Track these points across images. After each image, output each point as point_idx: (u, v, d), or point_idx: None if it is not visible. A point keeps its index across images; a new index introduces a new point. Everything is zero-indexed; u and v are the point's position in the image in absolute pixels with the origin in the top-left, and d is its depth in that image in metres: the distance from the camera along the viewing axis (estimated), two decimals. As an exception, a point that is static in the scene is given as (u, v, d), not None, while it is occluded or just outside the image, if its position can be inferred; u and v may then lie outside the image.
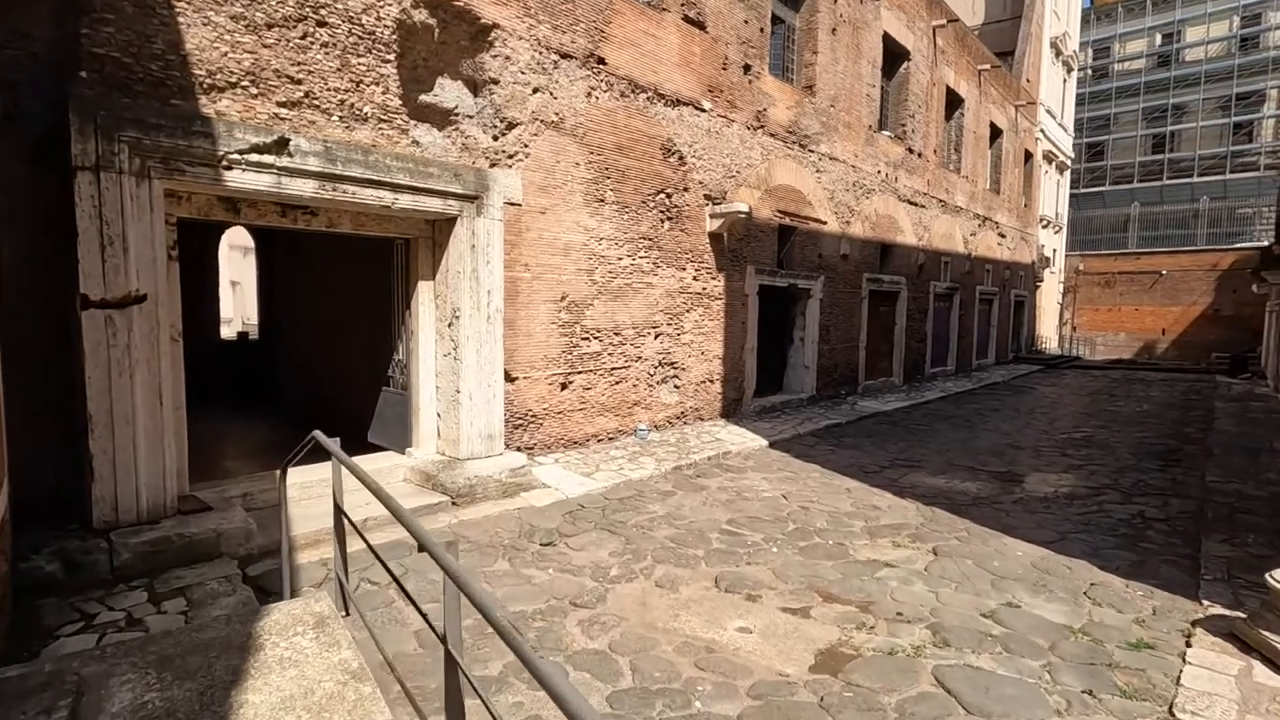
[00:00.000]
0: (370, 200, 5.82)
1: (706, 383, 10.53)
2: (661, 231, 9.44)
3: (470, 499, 6.26)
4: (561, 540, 5.63)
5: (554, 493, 6.80)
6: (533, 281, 7.77)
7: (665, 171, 9.41)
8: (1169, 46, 39.36)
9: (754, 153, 10.99)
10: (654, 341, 9.49)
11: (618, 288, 8.85)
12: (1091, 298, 29.97)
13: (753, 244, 11.23)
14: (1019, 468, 8.62)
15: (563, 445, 8.33)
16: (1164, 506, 6.94)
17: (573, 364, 8.35)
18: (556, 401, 8.20)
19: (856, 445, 9.85)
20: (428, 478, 6.43)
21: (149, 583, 4.28)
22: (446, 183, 6.28)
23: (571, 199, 8.14)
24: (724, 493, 7.20)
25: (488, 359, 6.77)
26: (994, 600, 4.63)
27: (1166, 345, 27.78)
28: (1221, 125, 37.45)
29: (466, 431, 6.67)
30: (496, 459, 6.80)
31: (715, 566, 5.17)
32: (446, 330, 6.73)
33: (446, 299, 6.70)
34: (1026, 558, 5.45)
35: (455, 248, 6.58)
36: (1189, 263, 27.66)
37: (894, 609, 4.47)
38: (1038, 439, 10.63)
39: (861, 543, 5.78)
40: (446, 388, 6.78)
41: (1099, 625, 4.27)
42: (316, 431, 2.95)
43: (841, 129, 13.27)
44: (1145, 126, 39.74)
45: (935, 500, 7.09)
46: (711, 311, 10.47)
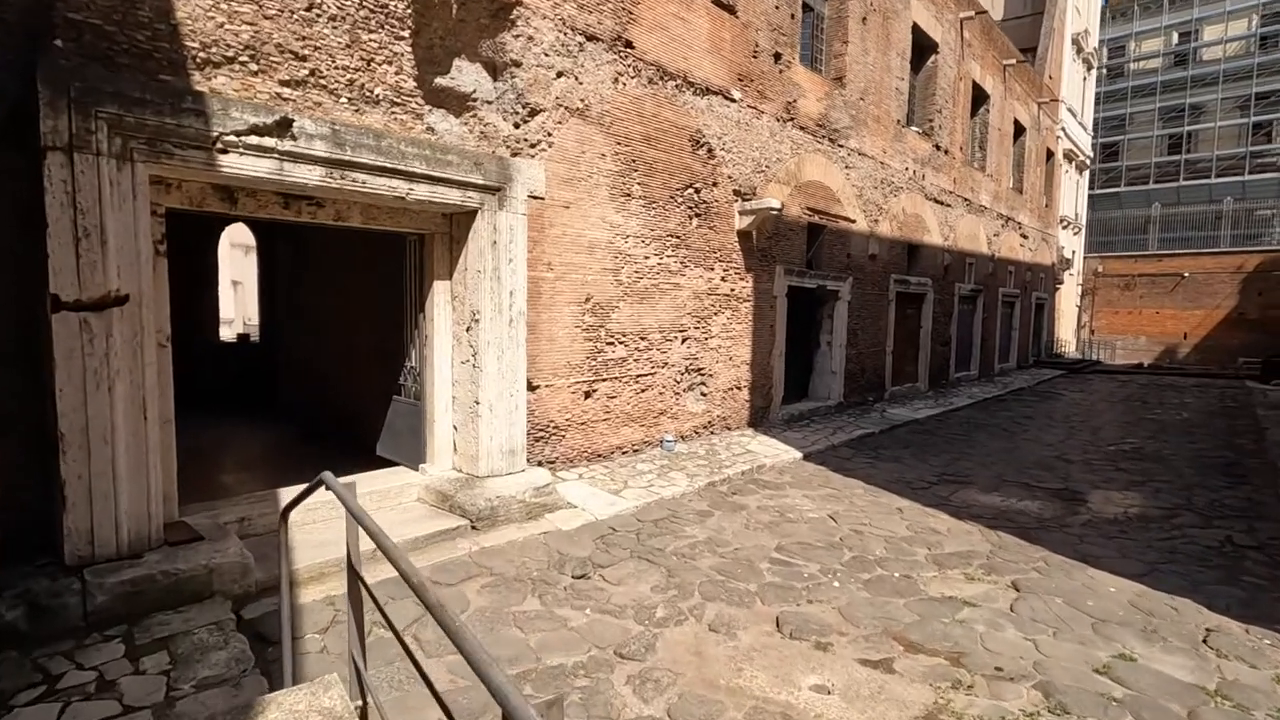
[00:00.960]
0: (383, 190, 5.22)
1: (734, 390, 9.92)
2: (689, 229, 8.84)
3: (491, 522, 5.65)
4: (596, 572, 5.02)
5: (581, 514, 6.19)
6: (555, 282, 7.17)
7: (694, 165, 8.81)
8: (1186, 45, 38.68)
9: (784, 146, 10.39)
10: (680, 346, 8.88)
11: (644, 289, 8.24)
12: (1111, 300, 29.30)
13: (781, 243, 10.62)
14: (1076, 484, 8.00)
15: (586, 458, 7.72)
16: (1250, 531, 6.32)
17: (597, 371, 7.75)
18: (580, 411, 7.60)
19: (896, 458, 9.23)
20: (444, 498, 5.83)
21: (128, 630, 3.67)
22: (466, 172, 5.68)
23: (597, 193, 7.54)
24: (765, 513, 6.59)
25: (509, 366, 6.17)
26: (1103, 651, 4.01)
27: (1188, 349, 27.12)
28: (1240, 125, 36.75)
29: (486, 446, 6.06)
30: (519, 477, 6.19)
31: (773, 605, 4.56)
32: (464, 335, 6.13)
33: (465, 300, 6.10)
34: (1122, 595, 4.84)
35: (475, 244, 5.99)
36: (1212, 265, 27.00)
37: (990, 662, 3.86)
38: (1085, 451, 10.00)
39: (930, 574, 5.17)
40: (464, 398, 6.18)
41: (1236, 685, 3.65)
42: (326, 474, 2.34)
43: (871, 123, 12.66)
44: (1162, 127, 39.06)
45: (997, 522, 6.47)
46: (740, 314, 9.87)
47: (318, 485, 2.31)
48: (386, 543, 2.01)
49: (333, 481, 2.19)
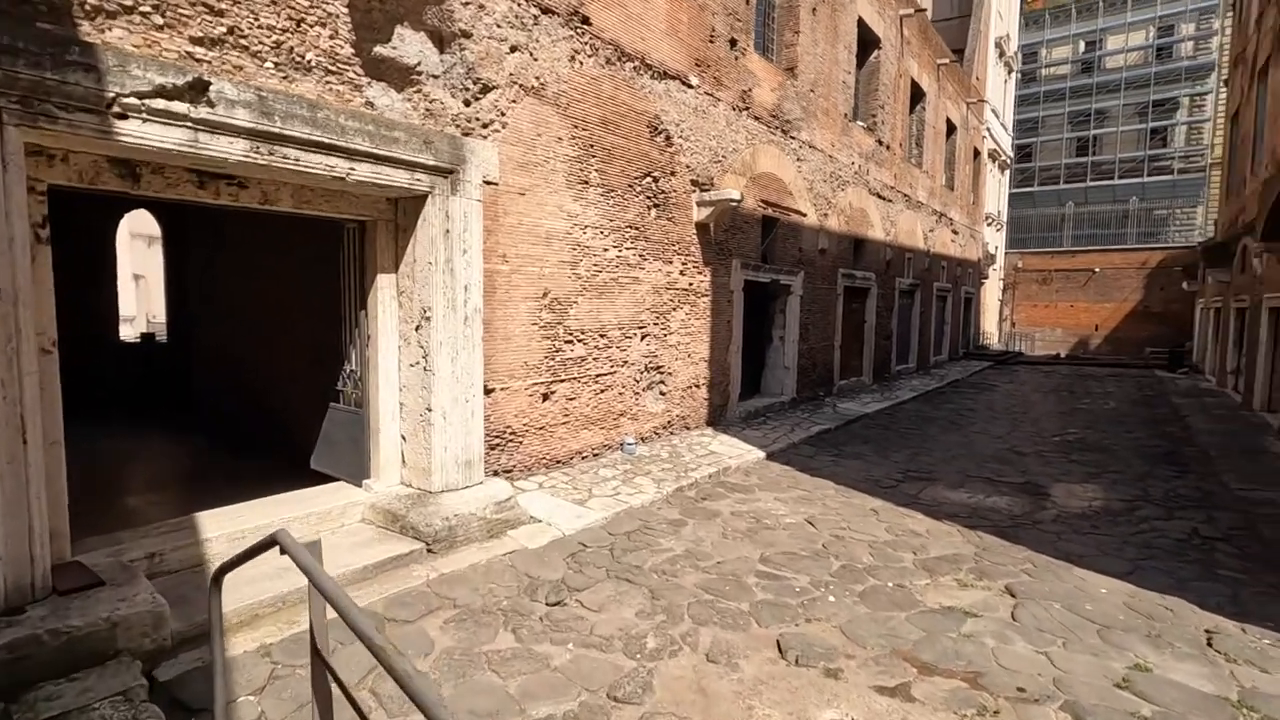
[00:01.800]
0: (318, 169, 4.53)
1: (693, 388, 9.57)
2: (648, 220, 8.40)
3: (450, 544, 5.05)
4: (572, 596, 4.53)
5: (547, 529, 5.67)
6: (511, 275, 6.59)
7: (652, 152, 8.36)
8: (1092, 54, 41.03)
9: (739, 136, 10.08)
10: (640, 344, 8.44)
11: (603, 283, 7.75)
12: (1030, 294, 30.75)
13: (738, 236, 10.33)
14: (1035, 477, 8.04)
15: (545, 466, 7.18)
16: (1211, 522, 6.42)
17: (555, 371, 7.21)
18: (538, 415, 7.05)
19: (858, 455, 9.10)
20: (394, 518, 5.19)
21: (4, 710, 2.94)
22: (415, 151, 5.04)
23: (554, 179, 6.99)
24: (740, 520, 6.25)
25: (465, 369, 5.57)
26: (1117, 662, 3.84)
27: (1100, 340, 28.77)
28: (1139, 130, 39.30)
29: (440, 458, 5.45)
30: (477, 490, 5.61)
31: (770, 626, 4.19)
32: (413, 334, 5.49)
33: (413, 296, 5.45)
34: (1114, 596, 4.72)
35: (425, 233, 5.35)
36: (1120, 261, 28.69)
37: (1009, 681, 3.61)
38: (1034, 442, 10.18)
39: (922, 582, 4.93)
40: (414, 404, 5.54)
41: (1256, 694, 3.52)
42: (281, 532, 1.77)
43: (820, 116, 12.55)
44: (1070, 130, 41.33)
45: (972, 521, 6.35)
46: (698, 309, 9.51)
47: (268, 546, 1.74)
48: (360, 623, 1.47)
49: (290, 542, 1.64)
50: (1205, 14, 37.08)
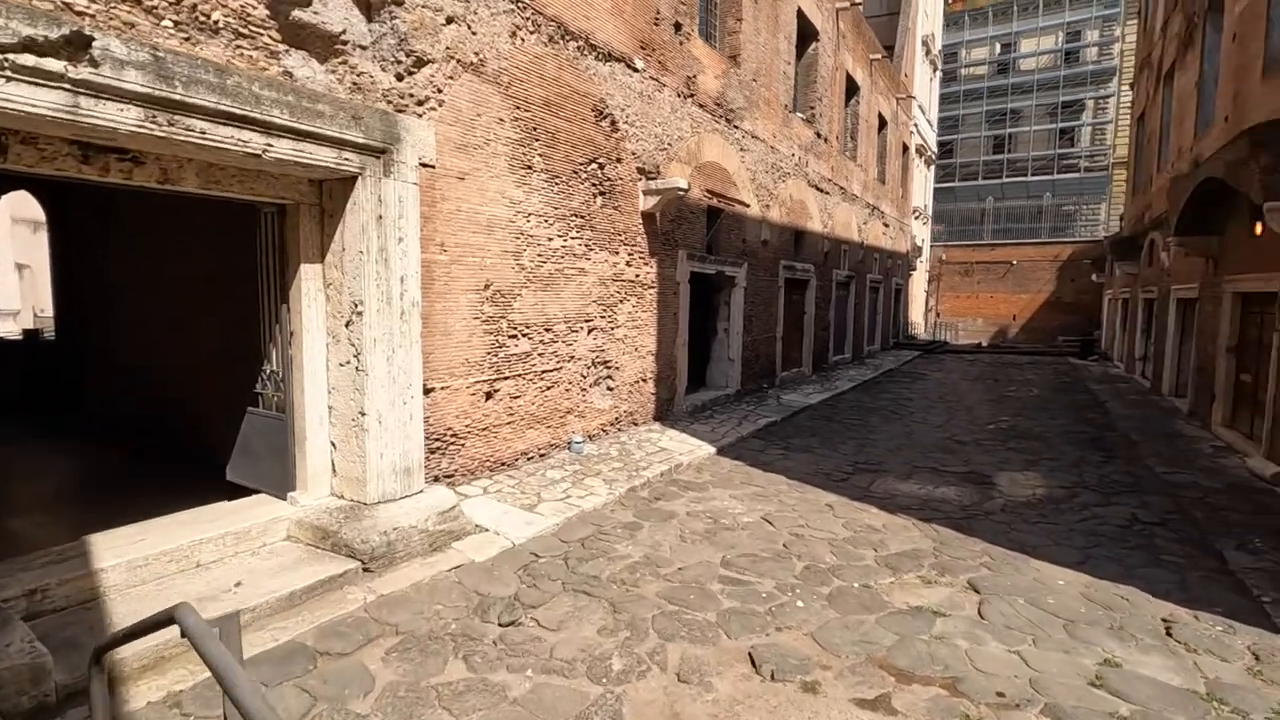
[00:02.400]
0: (229, 144, 3.98)
1: (640, 383, 9.30)
2: (594, 209, 8.04)
3: (388, 561, 4.61)
4: (527, 614, 4.18)
5: (495, 539, 5.29)
6: (450, 266, 6.12)
7: (598, 138, 8.00)
8: (1007, 56, 42.94)
9: (684, 124, 9.83)
10: (587, 338, 8.09)
11: (548, 274, 7.36)
12: (953, 286, 32.01)
13: (684, 226, 10.10)
14: (978, 466, 8.18)
15: (488, 469, 6.76)
16: (1145, 506, 6.65)
17: (498, 368, 6.79)
18: (481, 416, 6.61)
19: (807, 447, 9.06)
20: (324, 534, 4.69)
21: None
22: (343, 127, 4.53)
23: (495, 163, 6.54)
24: (697, 520, 6.03)
25: (403, 368, 5.10)
26: (1087, 658, 3.81)
27: (1017, 330, 30.25)
28: (1050, 130, 41.45)
29: (375, 466, 4.97)
30: (417, 500, 5.16)
31: (741, 638, 3.98)
32: (344, 331, 4.97)
33: (343, 289, 4.94)
34: (1072, 587, 4.75)
35: (355, 219, 4.84)
36: (1035, 254, 30.22)
37: (988, 686, 3.51)
38: (971, 431, 10.42)
39: (887, 581, 4.83)
40: (345, 408, 5.03)
41: (1222, 685, 3.54)
42: (182, 606, 1.37)
43: (762, 105, 12.45)
44: (988, 128, 43.17)
45: (926, 513, 6.35)
46: (645, 302, 9.23)
47: (163, 624, 1.34)
48: None
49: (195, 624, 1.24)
50: (1108, 21, 39.34)
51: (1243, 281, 9.52)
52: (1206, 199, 10.23)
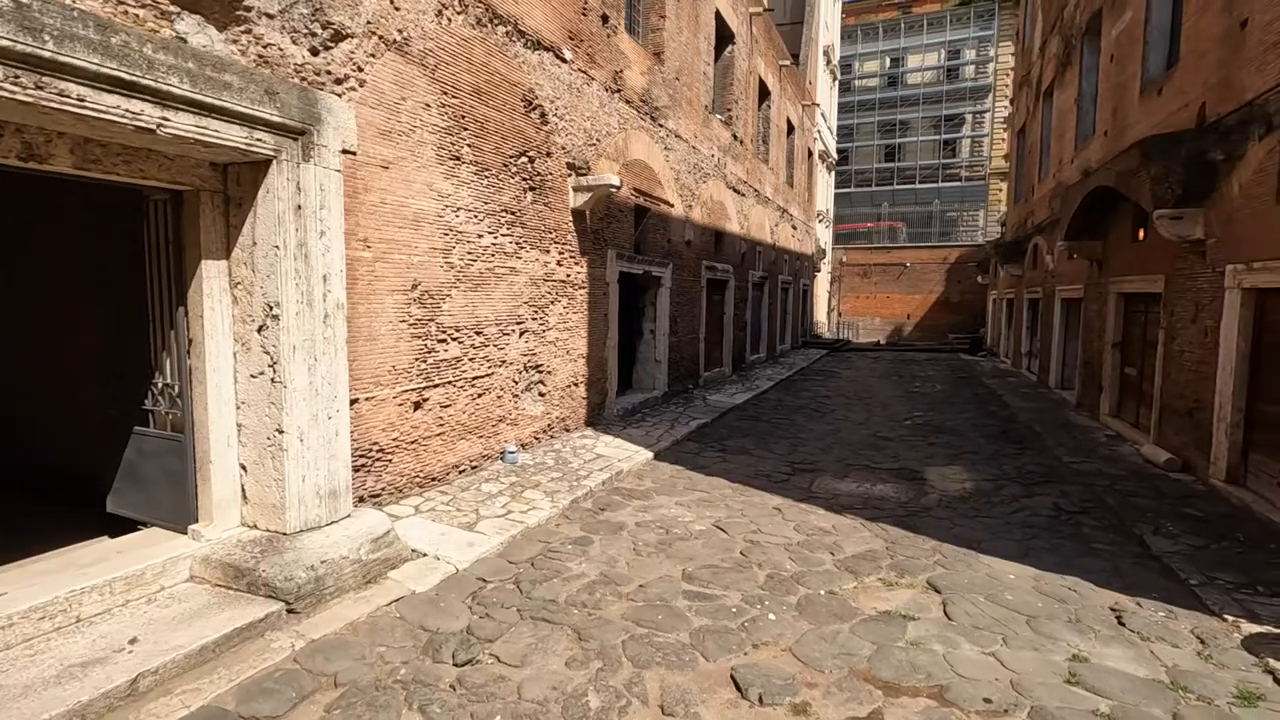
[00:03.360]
0: (115, 115, 3.32)
1: (572, 387, 8.93)
2: (525, 204, 7.61)
3: (317, 599, 4.04)
4: (485, 650, 3.77)
5: (436, 564, 4.80)
6: (375, 264, 5.55)
7: (528, 130, 7.58)
8: (896, 70, 45.56)
9: (612, 119, 9.55)
10: (519, 341, 7.65)
11: (479, 274, 6.87)
12: (854, 286, 33.52)
13: (613, 225, 9.82)
14: (907, 462, 8.40)
15: (418, 485, 6.21)
16: (1064, 496, 7.00)
17: (428, 375, 6.25)
18: (409, 428, 6.06)
19: (742, 449, 9.01)
20: (238, 572, 4.06)
21: None
22: (255, 102, 3.92)
23: (422, 153, 6.01)
24: (648, 531, 5.77)
25: (326, 378, 4.52)
26: (1056, 654, 3.85)
27: (911, 328, 32.07)
28: (935, 141, 44.34)
29: (296, 490, 4.38)
30: (346, 526, 4.60)
31: (719, 659, 3.75)
32: (255, 337, 4.34)
33: (255, 288, 4.30)
34: (1023, 581, 4.85)
35: (269, 209, 4.22)
36: (926, 257, 32.15)
37: (973, 692, 3.46)
38: (892, 427, 10.77)
39: (850, 586, 4.76)
40: (258, 425, 4.39)
41: (1182, 673, 3.66)
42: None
43: (685, 105, 12.38)
44: (880, 137, 45.66)
45: (870, 512, 6.39)
46: (575, 303, 8.88)
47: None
48: None
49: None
50: (984, 42, 42.54)
51: (1126, 283, 10.34)
52: (1093, 206, 11.07)
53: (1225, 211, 7.12)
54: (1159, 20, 9.99)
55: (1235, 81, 7.15)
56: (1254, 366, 6.75)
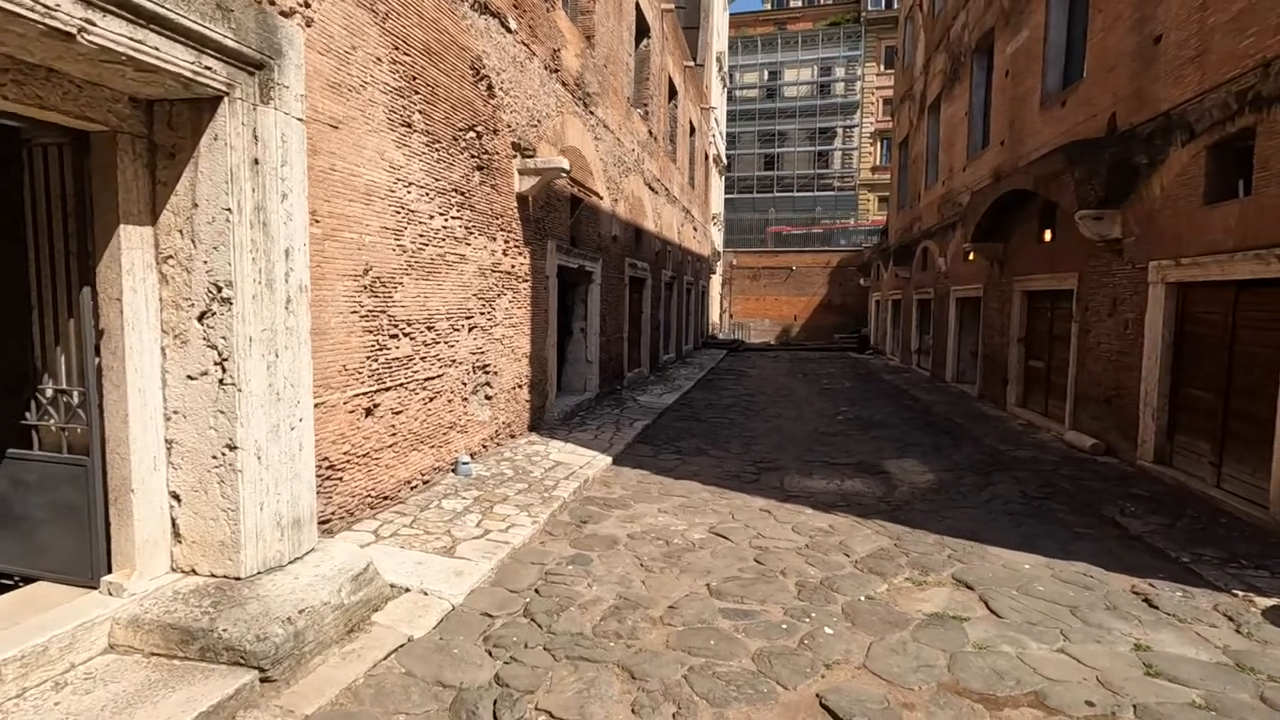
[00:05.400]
0: (19, 6, 2.35)
1: (517, 389, 8.16)
2: (474, 185, 6.80)
3: (297, 660, 3.15)
4: (527, 702, 3.09)
5: (426, 600, 3.99)
6: (324, 242, 4.61)
7: (476, 101, 6.78)
8: (774, 82, 47.61)
9: (551, 101, 8.89)
10: (468, 338, 6.82)
11: (430, 260, 6.01)
12: (744, 289, 34.44)
13: (553, 215, 9.15)
14: (862, 456, 8.41)
15: (369, 505, 5.27)
16: (1022, 483, 7.23)
17: (379, 377, 5.33)
18: (361, 439, 5.12)
19: (698, 450, 8.65)
20: (186, 636, 3.08)
21: None
22: (205, 17, 2.99)
23: (373, 114, 5.11)
24: (645, 544, 5.23)
25: (289, 379, 3.60)
26: (1120, 645, 3.76)
27: (799, 329, 33.43)
28: (810, 152, 46.76)
29: (254, 521, 3.43)
30: (316, 563, 3.69)
31: (797, 686, 3.31)
32: (195, 327, 3.36)
33: (195, 265, 3.32)
34: (1039, 571, 4.81)
35: (216, 162, 3.27)
36: (811, 261, 33.65)
37: (1071, 696, 3.25)
38: (828, 422, 10.86)
39: (883, 589, 4.50)
40: (199, 441, 3.40)
41: (1238, 653, 3.68)
42: None
43: (611, 95, 11.89)
44: (759, 146, 47.49)
45: (857, 509, 6.23)
46: (520, 297, 8.12)
47: None
48: None
49: None
50: (853, 61, 45.38)
51: (1031, 281, 11.08)
52: (997, 210, 11.82)
53: (1145, 212, 7.68)
54: (1056, 39, 10.80)
55: (1149, 93, 7.74)
56: (1176, 355, 7.32)
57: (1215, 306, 6.68)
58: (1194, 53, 6.98)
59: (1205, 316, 6.86)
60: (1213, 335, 6.73)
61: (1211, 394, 6.71)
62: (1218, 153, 6.61)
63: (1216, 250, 6.43)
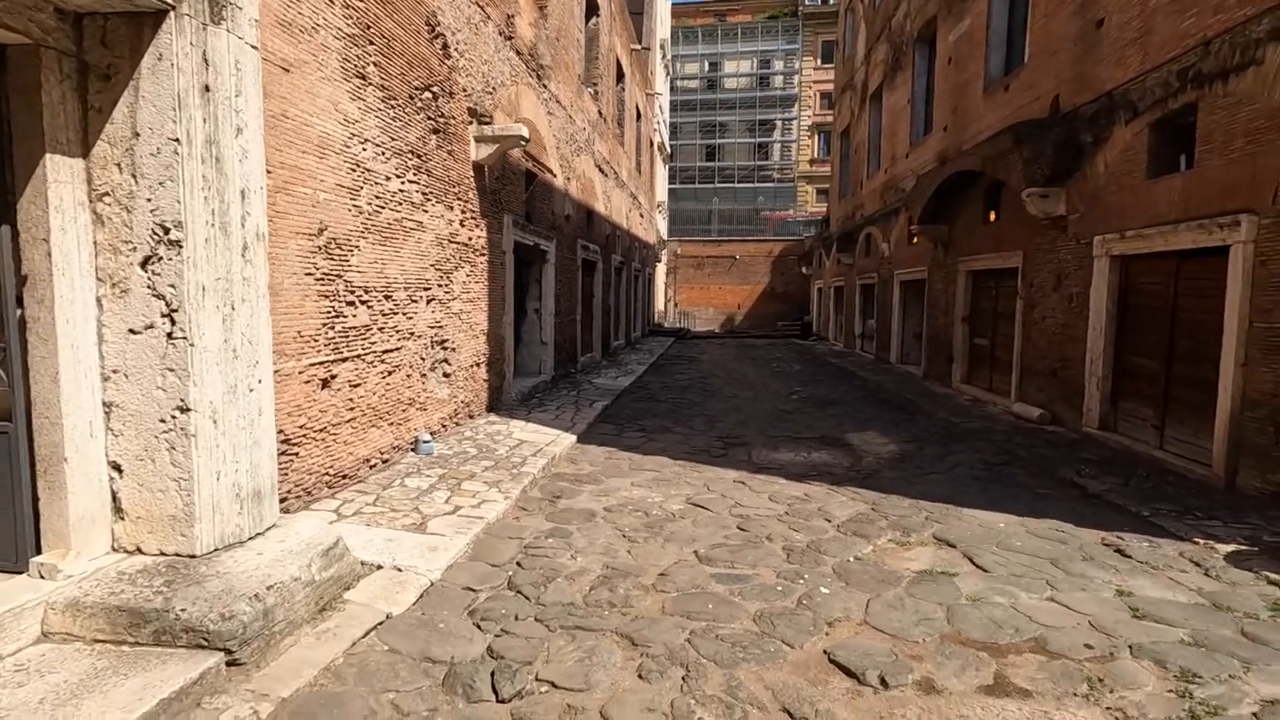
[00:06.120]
0: None
1: (475, 367, 7.83)
2: (430, 148, 6.44)
3: (267, 640, 2.84)
4: (527, 674, 2.87)
5: (401, 577, 3.71)
6: (276, 195, 4.22)
7: (432, 60, 6.41)
8: (715, 74, 47.88)
9: (505, 69, 8.54)
10: (426, 310, 6.47)
11: (387, 224, 5.65)
12: (688, 278, 34.57)
13: (508, 188, 8.82)
14: (824, 431, 8.47)
15: (328, 484, 4.90)
16: (980, 451, 7.42)
17: (336, 346, 4.96)
18: (318, 411, 4.75)
19: (662, 428, 8.52)
20: (137, 619, 2.72)
21: None
22: (149, -85, 2.63)
23: (327, 60, 4.72)
24: (624, 516, 5.06)
25: (248, 335, 3.25)
26: (1104, 592, 3.84)
27: (742, 317, 33.83)
28: (750, 144, 47.31)
29: (210, 492, 3.08)
30: (281, 538, 3.36)
31: (803, 644, 3.22)
32: (138, 274, 2.98)
33: (137, 203, 2.94)
34: (1014, 529, 4.90)
35: (163, 85, 2.89)
36: (754, 250, 34.06)
37: (1069, 641, 3.27)
38: (784, 402, 10.93)
39: (868, 550, 4.48)
40: (144, 403, 3.03)
41: (1211, 595, 3.81)
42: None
43: (563, 69, 11.58)
44: (701, 137, 47.72)
45: (829, 478, 6.23)
46: (477, 271, 7.79)
47: None
48: None
49: None
50: (790, 55, 46.10)
51: (976, 261, 11.43)
52: (941, 194, 12.14)
53: (1090, 188, 7.98)
54: (999, 26, 11.13)
55: (1092, 75, 8.04)
56: (1119, 325, 7.64)
57: (1158, 277, 7.00)
58: (1136, 34, 7.26)
59: (1148, 287, 7.18)
60: (1155, 305, 7.05)
61: (1154, 361, 7.03)
62: (1160, 129, 6.90)
63: (1160, 222, 6.72)
